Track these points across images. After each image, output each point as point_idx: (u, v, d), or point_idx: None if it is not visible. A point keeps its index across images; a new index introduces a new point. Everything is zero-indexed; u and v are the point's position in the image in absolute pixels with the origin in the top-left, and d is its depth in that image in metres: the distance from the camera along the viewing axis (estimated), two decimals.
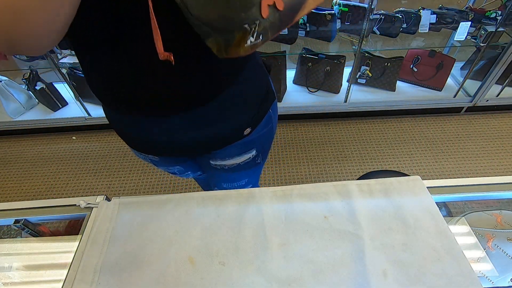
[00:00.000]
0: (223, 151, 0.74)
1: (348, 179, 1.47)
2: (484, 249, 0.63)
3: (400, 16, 1.79)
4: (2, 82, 2.00)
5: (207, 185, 1.16)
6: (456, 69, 2.20)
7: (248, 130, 0.71)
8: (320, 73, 2.06)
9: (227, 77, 0.60)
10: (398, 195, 0.64)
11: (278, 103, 2.08)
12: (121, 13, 0.45)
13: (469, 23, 1.77)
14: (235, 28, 0.39)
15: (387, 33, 1.86)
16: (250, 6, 0.38)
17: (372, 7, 1.65)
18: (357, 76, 2.11)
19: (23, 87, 2.10)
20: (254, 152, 0.78)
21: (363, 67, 2.07)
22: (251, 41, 0.41)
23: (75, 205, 0.66)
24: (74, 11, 0.38)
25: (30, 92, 2.11)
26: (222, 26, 0.39)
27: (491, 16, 1.80)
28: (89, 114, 2.07)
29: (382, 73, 2.06)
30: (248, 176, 0.86)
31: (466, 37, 1.81)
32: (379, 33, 1.86)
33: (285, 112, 2.10)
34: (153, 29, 0.39)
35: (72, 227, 0.69)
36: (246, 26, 0.39)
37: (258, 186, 0.93)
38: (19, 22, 0.34)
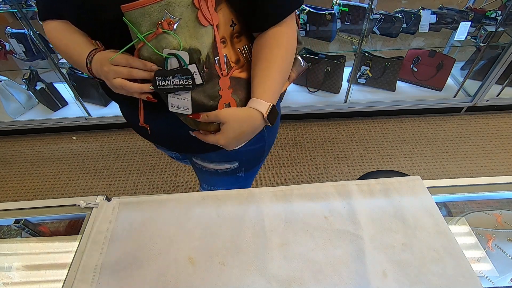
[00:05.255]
0: (203, 153, 0.76)
1: (348, 179, 1.47)
2: (484, 249, 0.63)
3: (400, 16, 1.79)
4: (2, 82, 1.99)
5: None
6: (456, 69, 2.20)
7: None
8: (320, 73, 2.05)
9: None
10: (398, 195, 0.64)
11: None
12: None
13: (469, 23, 1.77)
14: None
15: (387, 33, 1.86)
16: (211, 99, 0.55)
17: (372, 7, 1.65)
18: (357, 76, 2.11)
19: (23, 87, 2.10)
20: (236, 165, 0.79)
21: (363, 67, 2.07)
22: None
23: (75, 205, 0.66)
24: None
25: (30, 92, 2.10)
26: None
27: (491, 16, 1.80)
28: (89, 114, 2.07)
29: (382, 73, 2.06)
30: (226, 185, 0.86)
31: (466, 37, 1.81)
32: (379, 33, 1.86)
33: (285, 112, 2.09)
34: None
35: (72, 227, 0.69)
36: None
37: None
38: None
